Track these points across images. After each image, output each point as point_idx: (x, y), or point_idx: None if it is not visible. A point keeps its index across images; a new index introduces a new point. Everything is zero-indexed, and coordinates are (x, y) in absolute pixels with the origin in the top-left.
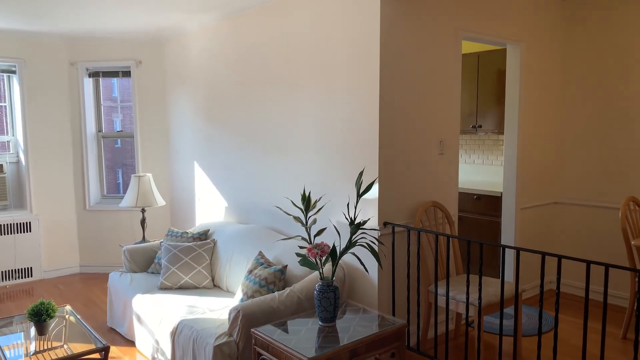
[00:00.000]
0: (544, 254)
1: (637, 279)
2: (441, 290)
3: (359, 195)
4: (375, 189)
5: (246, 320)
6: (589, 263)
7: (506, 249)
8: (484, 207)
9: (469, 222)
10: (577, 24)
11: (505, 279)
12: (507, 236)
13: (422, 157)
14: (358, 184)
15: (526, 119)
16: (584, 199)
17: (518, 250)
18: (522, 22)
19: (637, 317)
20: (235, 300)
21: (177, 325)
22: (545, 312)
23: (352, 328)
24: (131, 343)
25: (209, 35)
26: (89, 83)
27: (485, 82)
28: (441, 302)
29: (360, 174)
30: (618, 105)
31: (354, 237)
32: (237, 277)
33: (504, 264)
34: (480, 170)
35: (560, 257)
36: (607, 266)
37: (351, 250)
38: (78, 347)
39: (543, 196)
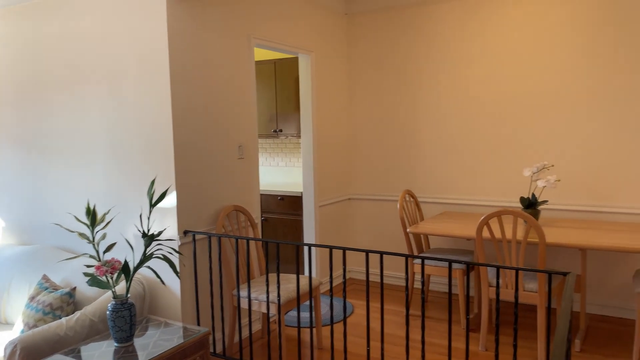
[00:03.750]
0: (330, 248)
1: (413, 262)
2: (245, 292)
3: (152, 205)
4: (173, 197)
5: (26, 354)
6: (367, 252)
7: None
8: (287, 207)
9: (275, 222)
10: (359, 35)
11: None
12: (309, 233)
13: (222, 162)
14: (150, 193)
15: (320, 123)
16: (373, 193)
17: (310, 247)
18: (311, 33)
19: (406, 295)
20: (14, 333)
21: None
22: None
23: (152, 344)
24: None
25: None
26: None
27: (283, 88)
28: (246, 304)
29: (152, 182)
30: (395, 109)
31: (148, 249)
32: (18, 307)
33: (298, 260)
34: (283, 172)
35: (344, 249)
36: (381, 254)
37: (147, 264)
38: None
39: (339, 193)
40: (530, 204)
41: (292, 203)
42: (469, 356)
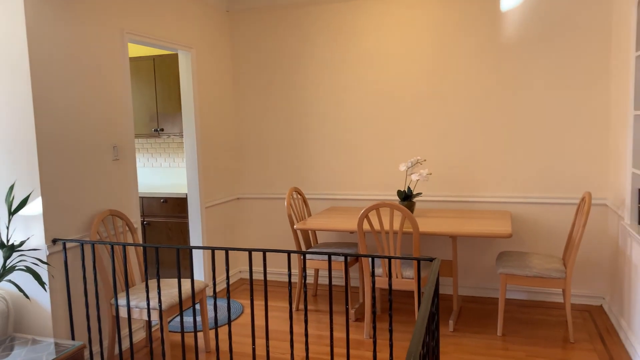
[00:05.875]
0: (213, 249)
1: (301, 257)
2: (124, 301)
3: (11, 213)
4: (38, 203)
5: None
6: (250, 251)
7: (185, 249)
8: (171, 210)
9: (159, 226)
10: (242, 33)
11: (198, 276)
12: (195, 235)
13: (95, 164)
14: (9, 199)
15: (204, 121)
16: (261, 192)
17: (191, 249)
18: (191, 30)
19: (289, 290)
20: None
21: None
22: (236, 301)
23: None
24: None
25: None
26: None
27: (164, 85)
28: (125, 313)
29: (11, 187)
30: (281, 108)
31: (9, 261)
32: None
33: (179, 264)
34: (167, 174)
35: (227, 250)
36: (264, 251)
37: (9, 278)
38: None
39: (226, 193)
40: (407, 197)
41: (176, 205)
42: (355, 345)
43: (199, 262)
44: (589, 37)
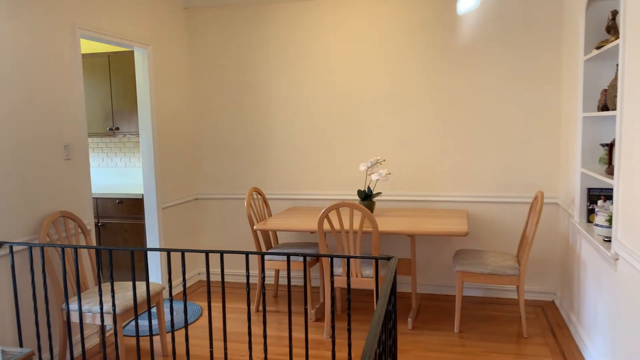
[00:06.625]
0: (168, 251)
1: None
2: (76, 305)
3: None
4: None
5: None
6: (207, 252)
7: (141, 251)
8: (127, 211)
9: (114, 228)
10: (200, 31)
11: (154, 279)
12: (152, 236)
13: (44, 164)
14: None
15: (161, 120)
16: (221, 192)
17: (146, 251)
18: (148, 27)
19: (247, 292)
20: None
21: None
22: (194, 303)
23: None
24: None
25: None
26: None
27: (119, 83)
28: (77, 318)
29: None
30: (241, 107)
31: None
32: None
33: (133, 266)
34: (123, 173)
35: (182, 252)
36: (221, 253)
37: None
38: None
39: (184, 194)
40: (366, 196)
41: (132, 206)
42: (315, 345)
43: (156, 264)
44: (542, 42)
